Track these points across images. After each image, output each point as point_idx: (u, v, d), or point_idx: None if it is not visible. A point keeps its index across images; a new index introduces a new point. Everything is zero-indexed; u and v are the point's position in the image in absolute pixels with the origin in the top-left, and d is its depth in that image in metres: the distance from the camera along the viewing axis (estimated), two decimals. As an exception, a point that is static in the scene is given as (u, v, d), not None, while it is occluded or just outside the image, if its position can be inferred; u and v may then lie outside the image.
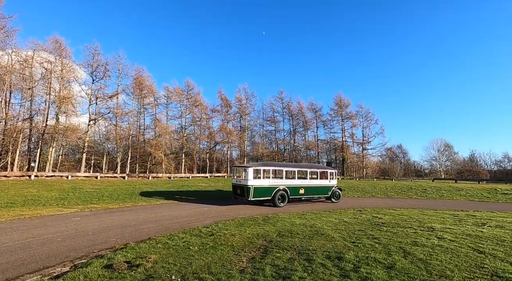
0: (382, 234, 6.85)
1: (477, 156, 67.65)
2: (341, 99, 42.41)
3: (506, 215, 11.73)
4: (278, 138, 45.47)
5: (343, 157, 40.91)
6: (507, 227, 8.08)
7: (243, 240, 6.57)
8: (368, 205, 15.86)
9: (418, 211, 12.84)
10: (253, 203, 14.85)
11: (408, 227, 8.01)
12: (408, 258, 4.74)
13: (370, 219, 9.79)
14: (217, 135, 39.66)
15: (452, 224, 8.73)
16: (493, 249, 5.30)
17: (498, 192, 23.92)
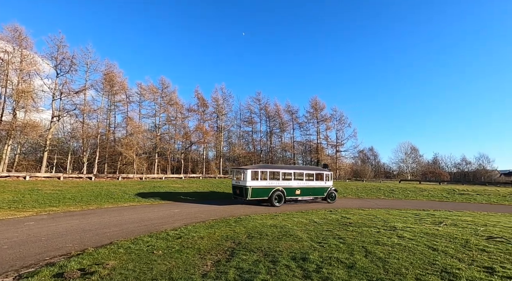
0: (348, 234, 7.06)
1: (439, 158, 72.88)
2: (316, 102, 43.53)
3: (461, 214, 12.67)
4: (255, 139, 45.56)
5: (317, 158, 41.95)
6: (460, 225, 8.69)
7: (211, 242, 6.43)
8: (339, 205, 16.36)
9: (384, 211, 13.45)
10: (251, 203, 15.53)
11: (373, 226, 8.34)
12: (369, 257, 4.91)
13: (339, 219, 10.08)
14: (193, 135, 38.80)
15: (413, 223, 9.23)
16: (446, 246, 5.66)
17: (456, 192, 25.86)
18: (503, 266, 4.36)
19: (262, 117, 45.78)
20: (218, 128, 41.49)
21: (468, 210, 14.81)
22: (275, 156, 45.89)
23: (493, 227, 8.48)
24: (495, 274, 4.00)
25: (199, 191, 21.80)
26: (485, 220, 10.24)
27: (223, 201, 17.29)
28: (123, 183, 22.95)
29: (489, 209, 16.02)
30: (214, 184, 26.56)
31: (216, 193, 21.55)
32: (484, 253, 5.18)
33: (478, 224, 9.01)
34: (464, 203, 20.44)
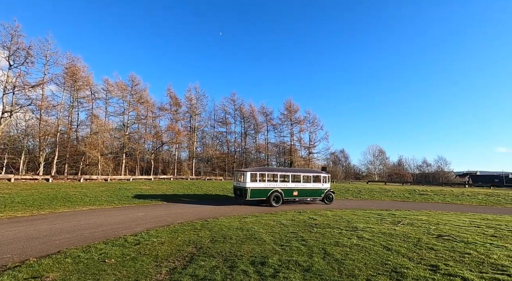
0: (311, 236, 7.15)
1: (403, 161, 77.81)
2: (291, 104, 44.35)
3: (418, 213, 13.48)
4: (229, 140, 45.24)
5: (291, 160, 42.69)
6: (415, 225, 9.23)
7: (171, 248, 6.15)
8: (309, 206, 16.67)
9: (350, 211, 13.91)
10: (250, 203, 16.38)
11: (337, 227, 8.56)
12: (326, 259, 4.98)
13: (306, 221, 10.23)
14: (164, 135, 37.51)
15: (374, 223, 9.63)
16: (399, 246, 5.94)
17: (416, 192, 27.65)
18: (446, 264, 4.65)
19: (236, 118, 45.66)
20: (191, 128, 40.56)
21: (426, 210, 15.83)
22: (249, 157, 45.95)
23: (444, 226, 9.11)
24: (438, 272, 4.24)
25: (168, 193, 21.06)
26: (438, 219, 10.98)
27: (193, 203, 16.84)
28: (85, 185, 21.46)
29: (444, 208, 17.28)
30: (185, 185, 25.85)
31: (187, 195, 20.97)
32: (432, 252, 5.50)
33: (432, 223, 9.62)
34: (423, 203, 21.87)
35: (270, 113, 45.77)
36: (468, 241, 6.38)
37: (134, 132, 36.12)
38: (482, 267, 4.48)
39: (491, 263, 4.68)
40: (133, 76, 35.11)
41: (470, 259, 4.94)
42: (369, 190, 28.78)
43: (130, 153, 34.39)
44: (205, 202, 17.38)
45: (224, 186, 27.63)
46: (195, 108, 40.22)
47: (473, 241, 6.38)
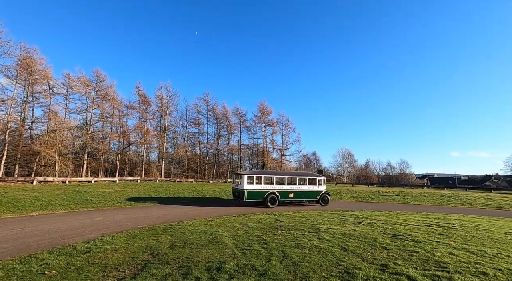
0: (274, 238, 7.14)
1: (370, 163, 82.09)
2: (264, 106, 44.72)
3: (379, 214, 14.16)
4: (202, 141, 44.39)
5: (263, 162, 42.94)
6: (375, 225, 9.66)
7: (125, 255, 5.76)
8: (278, 209, 16.78)
9: (317, 213, 14.22)
10: (247, 204, 17.25)
11: (300, 229, 8.66)
12: (284, 262, 4.97)
13: (272, 223, 10.23)
14: (132, 135, 35.70)
15: (337, 224, 9.91)
16: (356, 246, 6.14)
17: (380, 193, 29.19)
18: (395, 263, 4.87)
19: (209, 119, 44.96)
20: (162, 128, 39.12)
21: (386, 210, 16.71)
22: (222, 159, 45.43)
23: (400, 225, 9.63)
24: (387, 271, 4.42)
25: (133, 196, 20.00)
26: (396, 219, 11.61)
27: (160, 206, 16.16)
28: (38, 187, 19.64)
29: (403, 209, 18.39)
30: (153, 188, 24.77)
31: (154, 197, 20.09)
32: (385, 251, 5.75)
33: (389, 223, 10.14)
34: (385, 204, 23.11)
35: (243, 115, 45.81)
36: (418, 240, 6.78)
37: (98, 131, 33.89)
38: (427, 264, 4.76)
39: (435, 260, 4.99)
40: (98, 72, 32.99)
41: (417, 257, 5.23)
42: (337, 192, 29.79)
43: (93, 153, 32.22)
44: (172, 205, 16.77)
45: (194, 188, 26.95)
46: (166, 107, 38.84)
47: (423, 240, 6.80)
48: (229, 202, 20.65)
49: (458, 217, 12.69)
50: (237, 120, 45.75)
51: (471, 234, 7.80)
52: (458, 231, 8.36)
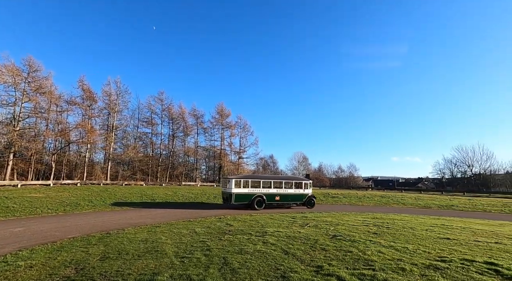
0: (219, 244, 6.94)
1: (323, 167, 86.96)
2: (222, 108, 44.33)
3: (326, 215, 14.92)
4: (155, 142, 41.98)
5: (220, 164, 42.37)
6: (319, 226, 10.10)
7: (41, 273, 4.99)
8: (233, 212, 16.61)
9: (268, 215, 14.37)
10: (235, 207, 18.24)
11: (248, 233, 8.61)
12: (223, 269, 4.81)
13: (222, 227, 10.01)
14: (72, 133, 32.03)
15: (285, 227, 10.12)
16: (297, 249, 6.29)
17: (329, 195, 30.99)
18: (330, 263, 5.09)
19: (164, 119, 42.85)
20: (109, 127, 35.93)
21: (333, 211, 17.74)
22: (177, 160, 43.56)
23: (342, 226, 10.23)
24: (320, 272, 4.58)
25: (70, 201, 17.85)
26: (339, 220, 12.34)
27: (100, 213, 14.70)
28: None
29: (348, 209, 19.74)
30: (95, 192, 22.48)
31: (95, 203, 18.20)
32: (323, 252, 6.00)
33: (333, 224, 10.71)
34: (333, 205, 24.58)
35: (201, 116, 44.75)
36: (355, 240, 7.25)
37: (28, 128, 29.57)
38: (357, 264, 5.07)
39: (365, 259, 5.35)
40: (31, 60, 28.73)
41: (350, 257, 5.55)
42: (290, 194, 30.77)
43: (22, 153, 27.97)
44: (115, 211, 15.40)
45: (144, 192, 25.23)
46: (114, 104, 35.75)
47: (358, 239, 7.29)
48: (183, 205, 19.82)
49: (392, 217, 14.03)
50: (194, 121, 44.53)
51: (400, 232, 8.63)
52: (390, 230, 9.21)
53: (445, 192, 41.72)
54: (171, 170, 41.23)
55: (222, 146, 44.85)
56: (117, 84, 36.67)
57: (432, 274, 4.44)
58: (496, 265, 4.83)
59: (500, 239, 7.79)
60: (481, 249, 6.42)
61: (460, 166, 60.69)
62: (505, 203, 25.47)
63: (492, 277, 4.31)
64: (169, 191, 27.00)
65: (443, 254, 5.80)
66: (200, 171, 44.64)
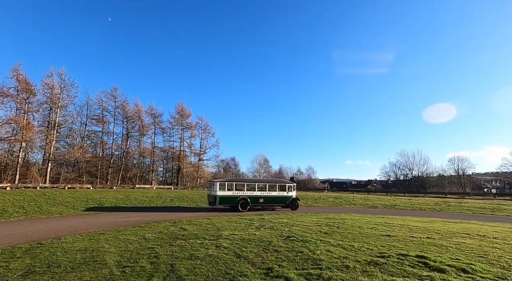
0: (168, 250, 6.54)
1: (283, 169, 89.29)
2: (183, 108, 42.81)
3: (283, 216, 15.18)
4: (106, 142, 38.67)
5: (179, 166, 40.72)
6: (275, 228, 10.21)
7: None
8: (190, 215, 15.98)
9: (226, 218, 14.14)
10: (221, 210, 18.57)
11: (202, 237, 8.30)
12: (168, 278, 4.51)
13: (175, 232, 9.51)
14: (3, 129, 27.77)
15: (241, 229, 10.02)
16: (250, 252, 6.22)
17: (288, 197, 31.83)
18: (280, 265, 5.12)
19: (117, 117, 39.74)
20: (51, 123, 32.02)
21: (290, 212, 18.24)
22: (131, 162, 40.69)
23: (296, 227, 10.49)
24: (270, 274, 4.57)
25: (-6, 208, 15.35)
26: (295, 221, 12.67)
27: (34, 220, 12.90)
28: None
29: (304, 210, 20.43)
30: (29, 196, 19.75)
31: (28, 209, 15.95)
32: (275, 254, 6.03)
33: (288, 225, 10.93)
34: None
35: (159, 115, 42.57)
36: (306, 240, 7.46)
37: None
38: (306, 264, 5.19)
39: (314, 259, 5.51)
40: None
41: (300, 257, 5.67)
42: (250, 196, 30.87)
43: None
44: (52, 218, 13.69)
45: (90, 196, 22.94)
46: (57, 99, 31.96)
47: (310, 240, 7.52)
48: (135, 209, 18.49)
49: (343, 216, 14.89)
50: (152, 121, 42.15)
51: (348, 231, 9.15)
52: (340, 229, 9.71)
53: (390, 193, 45.97)
54: (124, 172, 38.25)
55: (181, 147, 43.25)
56: (61, 76, 32.83)
57: (372, 269, 4.73)
58: (425, 258, 5.36)
59: (431, 234, 8.74)
60: (415, 244, 7.10)
61: (402, 169, 67.64)
62: (437, 202, 29.00)
63: (421, 269, 4.76)
64: (121, 195, 25.02)
65: (383, 250, 6.26)
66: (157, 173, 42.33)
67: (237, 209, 18.15)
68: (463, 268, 4.80)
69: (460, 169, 61.23)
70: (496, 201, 30.83)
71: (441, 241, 7.50)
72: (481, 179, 75.47)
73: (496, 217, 20.46)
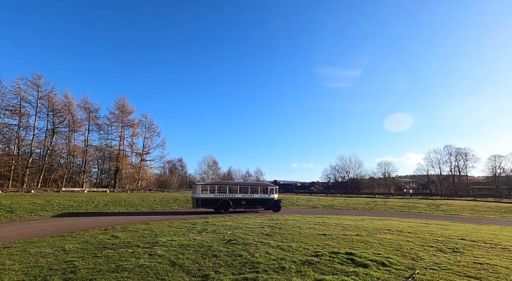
0: (91, 263, 5.72)
1: (232, 171, 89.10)
2: (124, 104, 39.19)
3: (228, 219, 15.04)
4: (24, 138, 32.80)
5: (117, 167, 37.03)
6: (218, 231, 9.92)
7: None
8: (127, 221, 14.54)
9: (168, 223, 13.28)
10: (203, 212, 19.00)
11: (135, 245, 7.55)
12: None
13: (104, 241, 8.46)
14: None
15: (181, 234, 9.46)
16: (187, 258, 5.86)
17: (235, 199, 31.77)
18: (217, 271, 4.93)
19: (41, 109, 34.19)
20: None
21: (235, 215, 18.13)
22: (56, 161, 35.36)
23: (240, 229, 10.39)
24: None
25: None
26: (240, 223, 12.54)
27: None
28: None
29: (250, 213, 20.64)
30: None
31: None
32: (214, 259, 5.80)
33: (232, 228, 10.77)
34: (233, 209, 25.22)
35: (95, 110, 38.15)
36: (248, 243, 7.42)
37: None
38: (244, 268, 5.10)
39: (252, 262, 5.46)
40: None
41: (239, 261, 5.56)
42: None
43: None
44: None
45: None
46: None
47: (251, 242, 7.50)
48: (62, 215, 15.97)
49: (286, 217, 15.43)
50: (85, 116, 37.45)
51: (288, 232, 9.45)
52: (281, 230, 9.97)
53: (329, 194, 49.88)
54: (47, 173, 32.86)
55: (121, 146, 39.42)
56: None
57: (306, 269, 4.90)
58: (353, 255, 5.82)
59: (360, 232, 9.63)
60: (346, 241, 7.70)
61: (341, 172, 74.35)
62: (367, 202, 32.55)
63: (349, 266, 5.14)
64: (40, 200, 21.48)
65: (318, 249, 6.60)
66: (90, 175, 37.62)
67: (219, 211, 18.78)
68: (382, 262, 5.34)
69: (386, 172, 70.31)
70: (412, 200, 36.18)
71: (367, 238, 8.30)
72: (401, 181, 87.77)
73: (411, 214, 23.96)
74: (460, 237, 8.94)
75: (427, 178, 71.22)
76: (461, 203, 32.03)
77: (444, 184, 66.31)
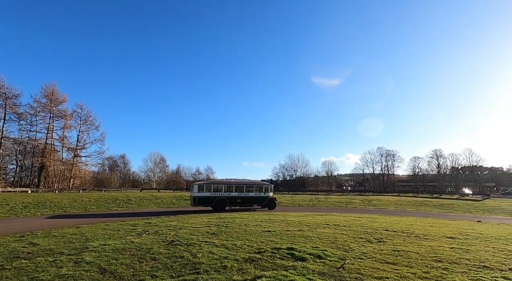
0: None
1: (181, 169, 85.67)
2: (54, 91, 33.97)
3: (174, 219, 14.30)
4: None
5: (43, 163, 32.08)
6: (160, 232, 9.36)
7: None
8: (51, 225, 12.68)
9: (103, 225, 12.08)
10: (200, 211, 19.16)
11: (59, 252, 6.61)
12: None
13: (17, 249, 7.25)
14: None
15: (117, 237, 8.64)
16: (121, 263, 5.35)
17: (183, 198, 30.54)
18: (154, 274, 4.61)
19: None
20: None
21: (181, 215, 17.44)
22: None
23: (185, 229, 9.98)
24: (137, 289, 4.00)
25: None
26: (185, 223, 12.04)
27: None
28: None
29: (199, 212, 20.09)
30: None
31: None
32: (152, 262, 5.43)
33: (176, 228, 10.28)
34: (185, 207, 24.39)
35: (14, 97, 32.22)
36: (191, 243, 7.15)
37: None
38: (184, 269, 4.88)
39: (194, 263, 5.27)
40: None
41: (180, 263, 5.31)
42: (139, 199, 27.95)
43: None
44: None
45: None
46: None
47: (195, 242, 7.25)
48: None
49: (234, 216, 15.42)
50: (1, 103, 31.40)
51: (235, 230, 9.45)
52: (227, 228, 9.92)
53: (278, 192, 51.73)
54: None
55: (49, 139, 34.20)
56: None
57: (247, 267, 4.94)
58: (293, 250, 6.10)
59: (302, 227, 10.18)
60: (288, 237, 8.04)
61: (289, 170, 77.99)
62: (311, 199, 34.81)
63: (289, 260, 5.36)
64: None
65: (261, 246, 6.74)
66: (5, 172, 31.68)
67: (215, 209, 19.22)
68: (319, 255, 5.72)
69: (329, 171, 76.40)
70: (349, 196, 40.00)
71: (308, 233, 8.82)
72: (342, 178, 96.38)
73: (348, 209, 26.46)
74: (384, 228, 10.18)
75: (362, 176, 79.80)
76: (388, 199, 36.68)
77: (376, 182, 75.18)
